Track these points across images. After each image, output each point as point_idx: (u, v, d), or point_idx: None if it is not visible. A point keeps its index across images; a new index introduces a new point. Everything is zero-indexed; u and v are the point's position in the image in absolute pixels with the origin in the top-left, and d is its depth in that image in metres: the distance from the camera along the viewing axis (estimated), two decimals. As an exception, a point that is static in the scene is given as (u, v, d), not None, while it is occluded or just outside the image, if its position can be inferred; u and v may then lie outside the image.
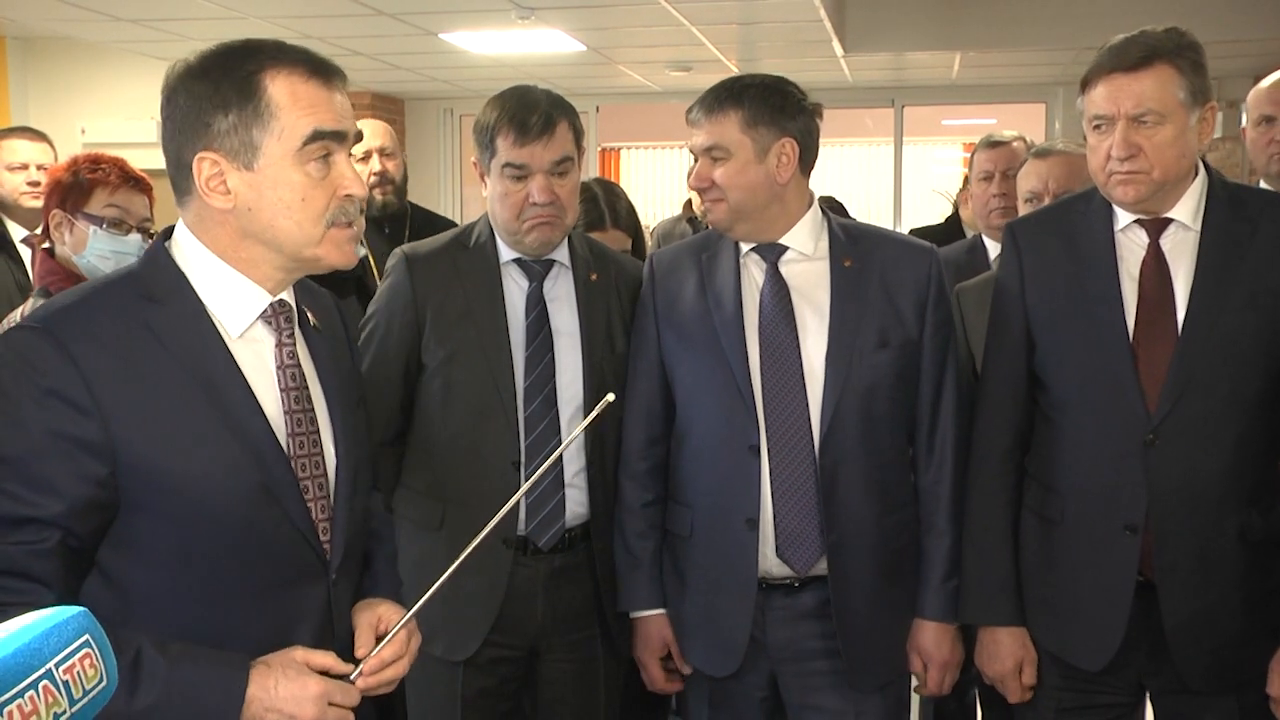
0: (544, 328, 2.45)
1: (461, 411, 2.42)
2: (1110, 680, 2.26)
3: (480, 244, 2.50)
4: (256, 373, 1.60)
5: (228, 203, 1.57)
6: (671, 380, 2.41)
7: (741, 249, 2.38)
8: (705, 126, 2.32)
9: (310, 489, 1.62)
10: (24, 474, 1.45)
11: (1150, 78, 2.10)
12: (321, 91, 1.57)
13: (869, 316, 2.32)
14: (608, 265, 2.58)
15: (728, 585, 2.32)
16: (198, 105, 1.56)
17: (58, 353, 1.47)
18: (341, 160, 1.60)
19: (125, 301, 1.55)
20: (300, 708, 1.51)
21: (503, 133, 2.39)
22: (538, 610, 2.45)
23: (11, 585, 1.44)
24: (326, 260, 1.61)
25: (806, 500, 2.27)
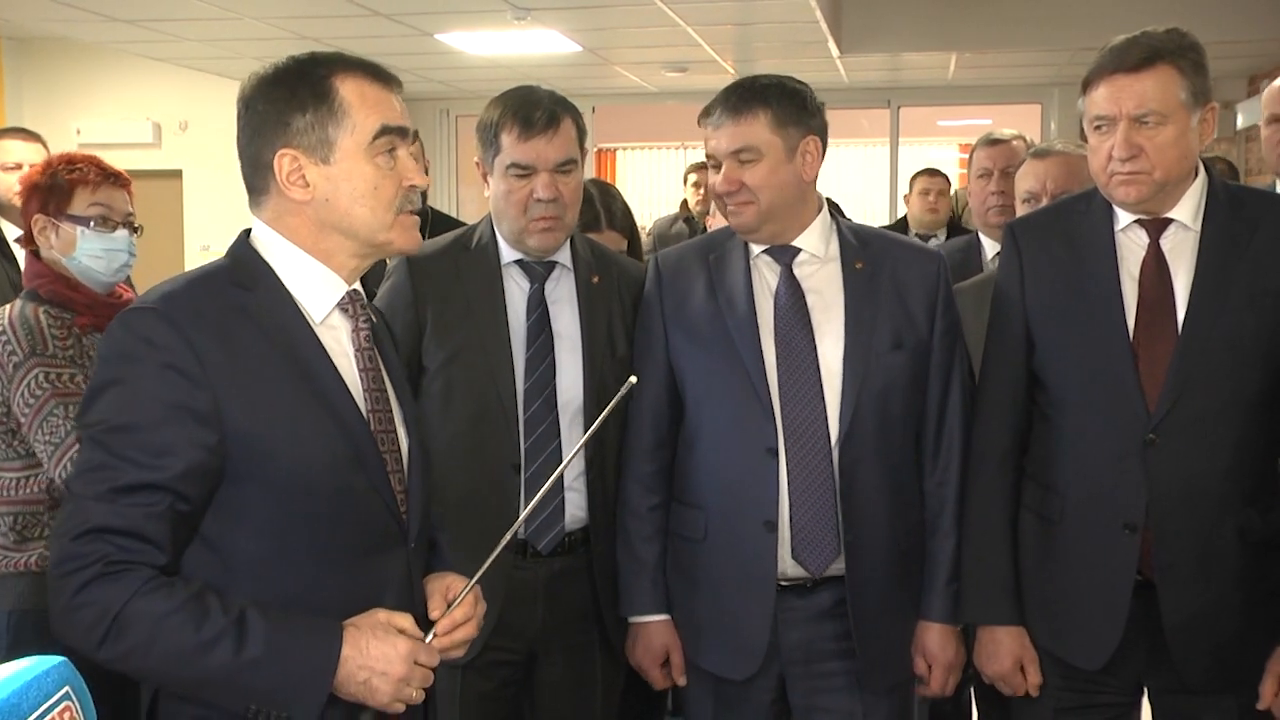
0: (545, 330, 2.45)
1: (461, 413, 2.42)
2: (1109, 679, 2.26)
3: (482, 245, 2.50)
4: (337, 355, 1.73)
5: (306, 195, 1.70)
6: (680, 382, 2.40)
7: (752, 251, 2.38)
8: (730, 129, 2.30)
9: (389, 462, 1.74)
10: (144, 441, 1.57)
11: (1152, 78, 2.11)
12: (383, 92, 1.73)
13: (882, 318, 2.33)
14: (610, 267, 2.58)
15: (745, 588, 2.31)
16: (276, 108, 1.70)
17: (172, 329, 1.60)
18: (404, 154, 1.74)
19: (220, 288, 1.68)
20: (391, 665, 1.62)
21: (507, 128, 2.39)
22: (537, 614, 2.45)
23: (129, 545, 1.56)
24: (397, 244, 1.76)
25: (824, 502, 2.28)
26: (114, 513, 1.55)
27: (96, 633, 1.54)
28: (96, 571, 1.54)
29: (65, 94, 9.42)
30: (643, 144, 13.79)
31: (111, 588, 1.54)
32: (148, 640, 1.54)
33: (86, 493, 1.57)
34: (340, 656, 1.60)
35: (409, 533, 1.77)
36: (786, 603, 2.33)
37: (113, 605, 1.53)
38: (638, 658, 2.46)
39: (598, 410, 2.43)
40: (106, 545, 1.55)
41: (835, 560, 2.31)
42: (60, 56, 9.29)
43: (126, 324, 1.62)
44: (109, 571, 1.54)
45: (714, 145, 2.33)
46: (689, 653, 2.42)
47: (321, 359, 1.69)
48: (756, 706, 2.38)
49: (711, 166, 2.36)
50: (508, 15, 6.61)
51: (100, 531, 1.55)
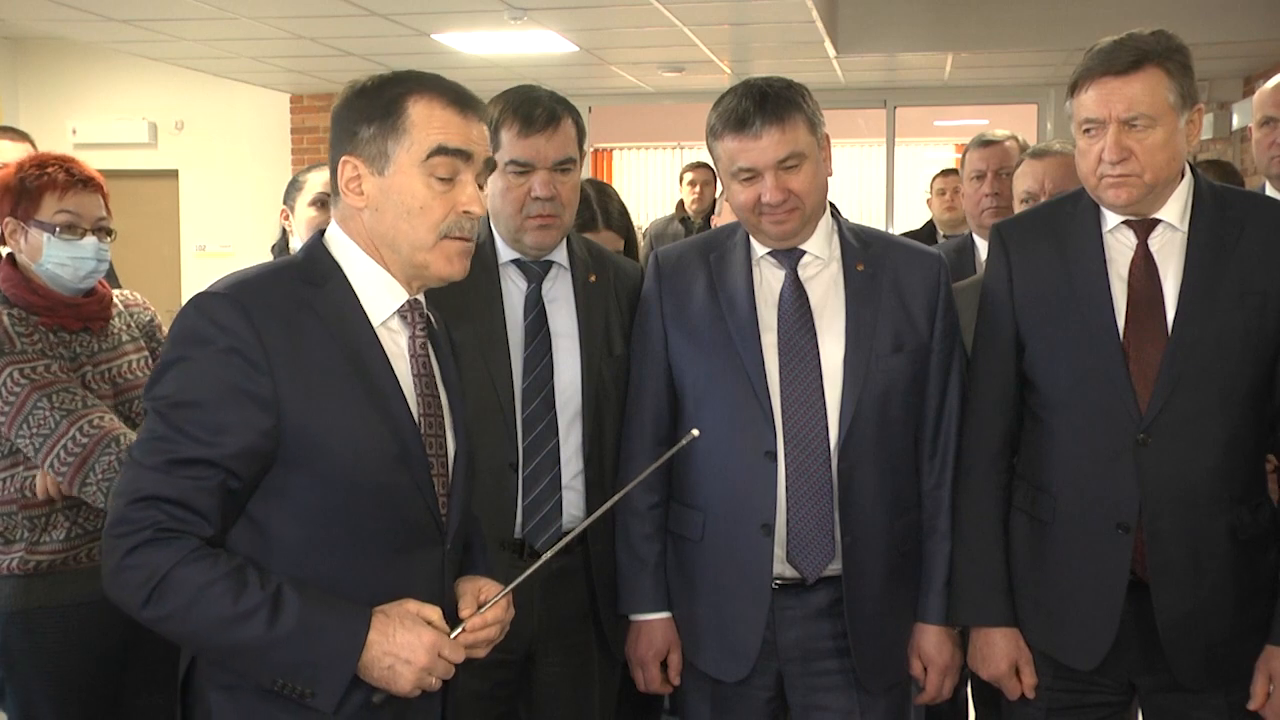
0: (542, 329, 2.46)
1: (460, 413, 2.43)
2: (1101, 679, 2.27)
3: (479, 245, 2.49)
4: (395, 358, 1.80)
5: (361, 202, 1.79)
6: (679, 381, 2.40)
7: (755, 251, 2.38)
8: (777, 136, 2.25)
9: (434, 464, 1.82)
10: (204, 418, 1.66)
11: (1140, 81, 2.12)
12: (455, 117, 1.79)
13: (883, 321, 2.33)
14: (606, 267, 2.59)
15: (740, 590, 2.32)
16: (351, 116, 1.79)
17: (241, 316, 1.68)
18: (467, 180, 1.80)
19: (291, 282, 1.76)
20: (415, 654, 1.69)
21: (507, 125, 2.40)
22: (534, 613, 2.44)
23: (180, 515, 1.65)
24: (434, 268, 1.80)
25: (821, 505, 2.28)
26: (168, 483, 1.64)
27: (142, 593, 1.63)
28: (147, 536, 1.63)
29: (61, 93, 9.41)
30: (639, 144, 13.78)
31: (160, 552, 1.62)
32: (188, 605, 1.62)
33: (145, 461, 1.66)
34: (367, 641, 1.68)
35: (447, 533, 1.84)
36: (782, 602, 2.33)
37: (159, 569, 1.62)
38: (638, 655, 2.46)
39: (595, 409, 2.45)
40: (159, 512, 1.63)
41: (830, 563, 2.31)
42: (56, 56, 9.29)
43: (199, 306, 1.69)
44: (159, 537, 1.63)
45: (753, 157, 2.26)
46: (686, 652, 2.43)
47: (380, 359, 1.77)
48: (753, 705, 2.39)
49: (743, 179, 2.29)
50: (504, 15, 6.61)
51: (154, 499, 1.64)
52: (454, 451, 1.87)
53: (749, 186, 2.29)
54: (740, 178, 2.30)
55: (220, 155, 9.21)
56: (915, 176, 11.58)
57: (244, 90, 9.23)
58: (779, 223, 2.30)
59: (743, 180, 2.30)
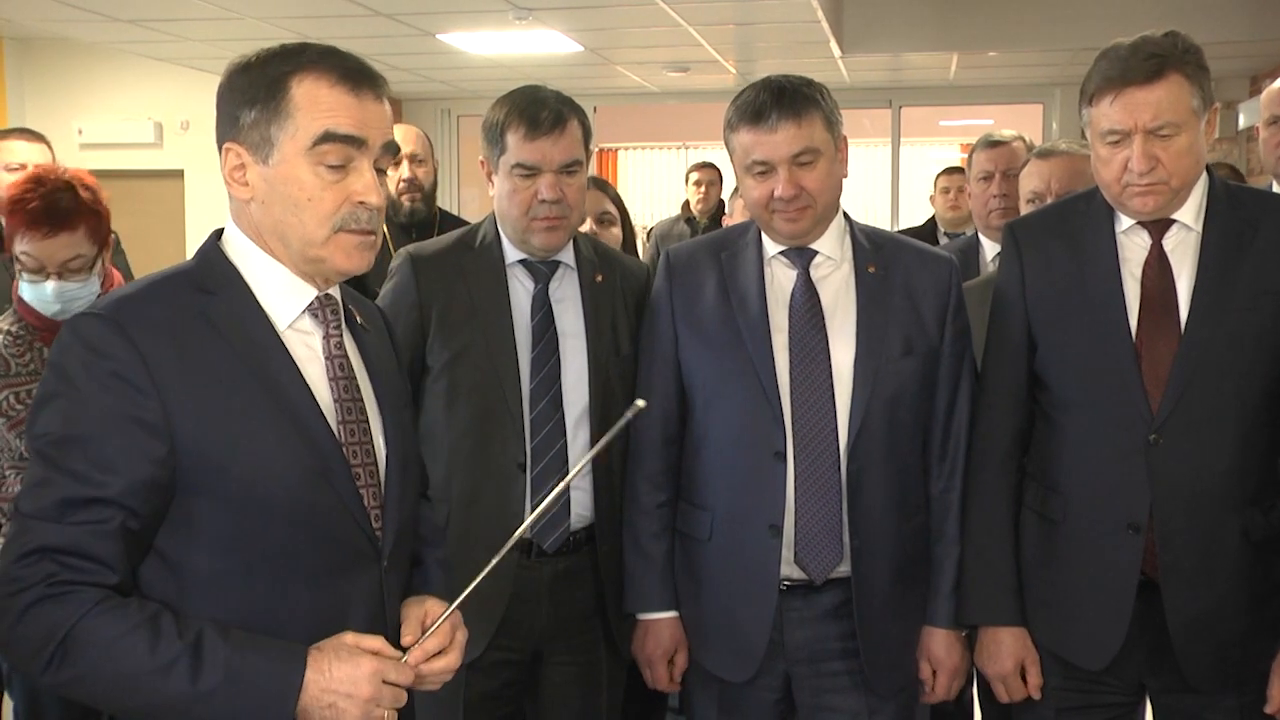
0: (549, 329, 2.45)
1: (467, 413, 2.42)
2: (1110, 679, 2.27)
3: (486, 245, 2.50)
4: (306, 362, 1.64)
5: (246, 194, 1.64)
6: (689, 381, 2.39)
7: (767, 251, 2.37)
8: (793, 131, 2.24)
9: (361, 475, 1.65)
10: (89, 453, 1.50)
11: (1163, 89, 2.10)
12: (346, 97, 1.61)
13: (894, 324, 2.32)
14: (613, 267, 2.58)
15: (747, 590, 2.31)
16: (233, 98, 1.63)
17: (120, 338, 1.52)
18: (362, 167, 1.63)
19: (181, 292, 1.61)
20: (356, 687, 1.54)
21: (513, 128, 2.39)
22: (542, 613, 2.45)
23: (76, 564, 1.49)
24: (331, 263, 1.64)
25: (829, 507, 2.27)
26: (59, 531, 1.48)
27: (42, 656, 1.46)
28: (40, 593, 1.46)
29: (67, 94, 9.41)
30: (644, 144, 13.79)
31: (58, 609, 1.46)
32: (97, 664, 1.46)
33: (30, 510, 1.50)
34: (303, 682, 1.51)
35: (382, 550, 1.67)
36: (790, 603, 2.33)
37: (59, 627, 1.46)
38: (646, 654, 2.45)
39: (603, 408, 2.44)
40: (51, 564, 1.47)
41: (838, 564, 2.31)
42: (62, 56, 9.29)
43: (75, 331, 1.55)
44: (54, 593, 1.46)
45: (768, 150, 2.26)
46: (693, 652, 2.42)
47: (286, 368, 1.61)
48: (761, 706, 2.38)
49: (757, 173, 2.29)
50: (509, 15, 6.60)
51: (44, 551, 1.48)
52: (386, 458, 1.70)
53: (762, 181, 2.29)
54: (754, 171, 2.29)
55: (226, 156, 9.21)
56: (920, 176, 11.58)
57: (250, 91, 9.23)
58: (791, 220, 2.29)
59: (756, 174, 2.29)
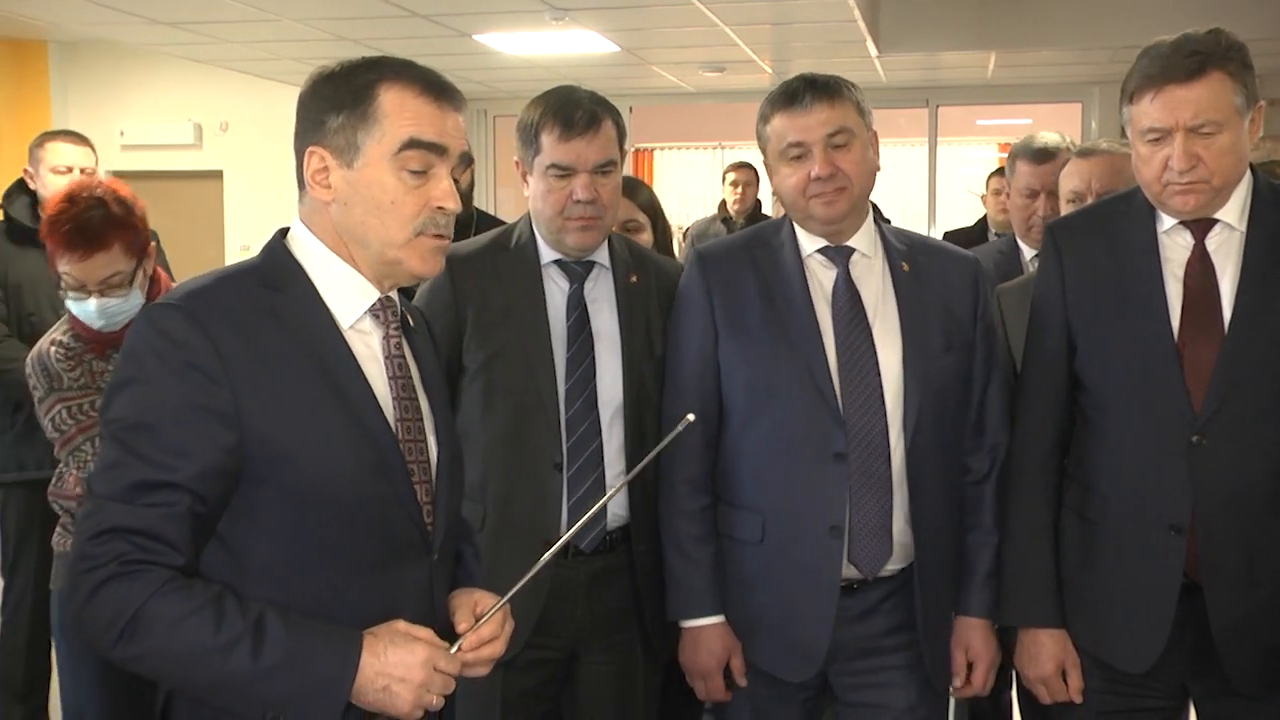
0: (585, 330, 2.45)
1: (503, 413, 2.43)
2: (1153, 683, 2.24)
3: (521, 245, 2.50)
4: (366, 361, 1.69)
5: (329, 196, 1.68)
6: (728, 382, 2.37)
7: (804, 249, 2.37)
8: (827, 110, 2.26)
9: (415, 471, 1.71)
10: (161, 439, 1.54)
11: (1205, 87, 2.08)
12: (429, 107, 1.68)
13: (933, 320, 2.33)
14: (647, 267, 2.58)
15: (805, 591, 2.30)
16: (318, 104, 1.68)
17: (195, 328, 1.57)
18: (441, 174, 1.69)
19: (248, 287, 1.66)
20: (410, 671, 1.58)
21: (547, 128, 2.39)
22: (578, 612, 2.45)
23: (147, 545, 1.53)
24: (408, 265, 1.70)
25: (882, 504, 2.27)
26: (130, 512, 1.53)
27: (112, 632, 1.51)
28: (112, 570, 1.51)
29: (109, 96, 9.52)
30: (680, 144, 13.78)
31: (128, 587, 1.51)
32: (164, 641, 1.51)
33: (104, 491, 1.55)
34: (359, 664, 1.56)
35: (433, 544, 1.73)
36: (842, 602, 2.31)
37: (129, 605, 1.50)
38: (699, 666, 2.40)
39: (637, 408, 2.44)
40: (124, 544, 1.52)
41: (887, 561, 2.30)
42: (104, 59, 9.39)
43: (150, 320, 1.60)
44: (124, 571, 1.51)
45: (803, 131, 2.27)
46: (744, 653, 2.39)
47: (349, 365, 1.66)
48: (792, 704, 2.38)
49: (792, 158, 2.29)
50: (545, 16, 6.62)
51: (117, 531, 1.53)
52: (436, 457, 1.76)
53: (798, 166, 2.29)
54: (790, 155, 2.30)
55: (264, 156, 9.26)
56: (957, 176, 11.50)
57: (287, 91, 9.27)
58: (828, 203, 2.28)
59: (792, 159, 2.30)
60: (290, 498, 1.60)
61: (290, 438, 1.59)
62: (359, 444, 1.63)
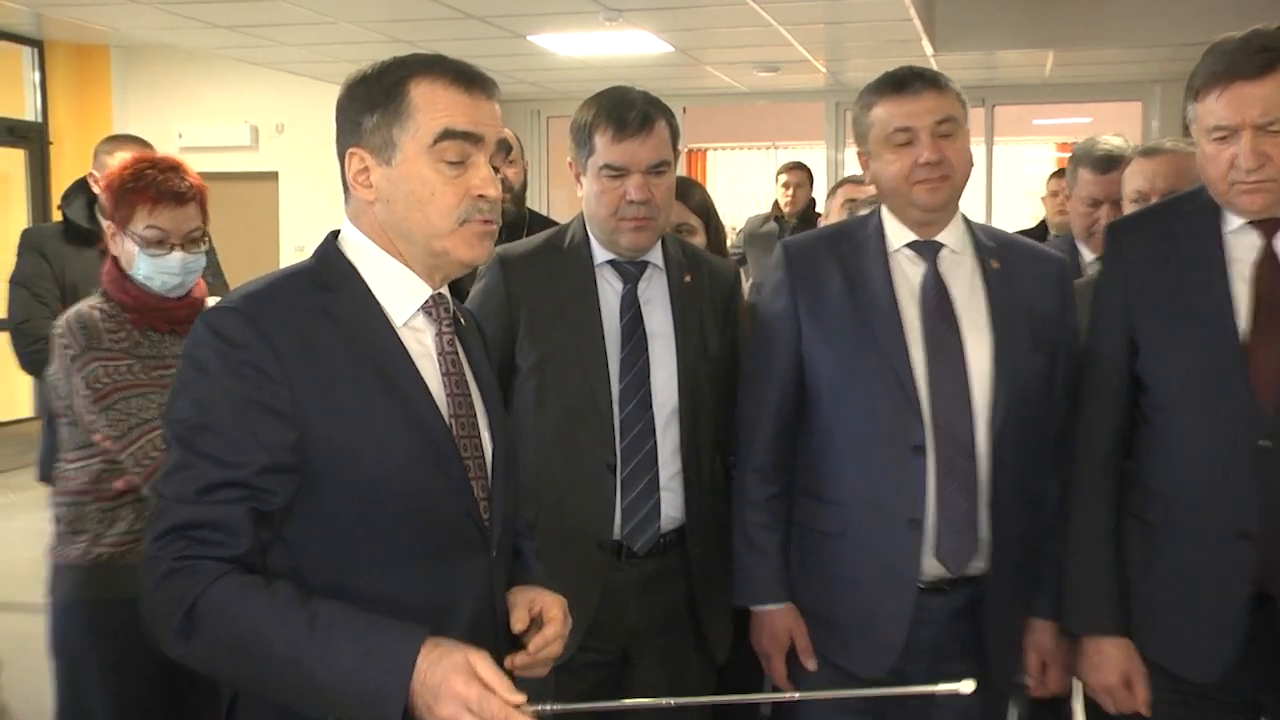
0: (638, 330, 2.45)
1: (556, 414, 2.43)
2: (1223, 695, 2.19)
3: (574, 245, 2.51)
4: (420, 358, 1.71)
5: (371, 195, 1.70)
6: (812, 374, 2.37)
7: (891, 244, 2.36)
8: (936, 98, 2.28)
9: (471, 467, 1.72)
10: (224, 439, 1.57)
11: (1274, 84, 2.04)
12: (461, 97, 1.69)
13: (1021, 318, 2.32)
14: (701, 267, 2.58)
15: (884, 585, 2.30)
16: (354, 106, 1.71)
17: (251, 329, 1.60)
18: (479, 162, 1.69)
19: (303, 288, 1.68)
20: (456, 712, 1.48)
21: (601, 129, 2.40)
22: (631, 615, 2.45)
23: (205, 537, 1.55)
24: (455, 254, 1.70)
25: (967, 501, 2.26)
26: (193, 511, 1.56)
27: (171, 625, 1.52)
28: (170, 566, 1.54)
29: (168, 99, 9.65)
30: (734, 145, 13.77)
31: (186, 579, 1.53)
32: (223, 631, 1.51)
33: (169, 493, 1.58)
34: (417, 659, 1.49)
35: (491, 539, 1.74)
36: (922, 602, 2.30)
37: (187, 596, 1.52)
38: (762, 646, 2.44)
39: (691, 409, 2.45)
40: (182, 541, 1.55)
41: (974, 559, 2.29)
42: (163, 63, 9.53)
43: (207, 323, 1.63)
44: (181, 566, 1.53)
45: (911, 116, 2.27)
46: (819, 648, 2.40)
47: (403, 361, 1.68)
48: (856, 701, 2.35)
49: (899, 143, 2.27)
50: (599, 16, 6.63)
51: (178, 529, 1.55)
52: (492, 452, 1.78)
53: (903, 152, 2.28)
54: (895, 141, 2.29)
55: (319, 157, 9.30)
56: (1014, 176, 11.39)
57: (343, 94, 9.39)
58: (932, 189, 2.28)
59: (897, 145, 2.29)
60: (348, 494, 1.61)
61: (348, 434, 1.61)
62: (414, 439, 1.65)
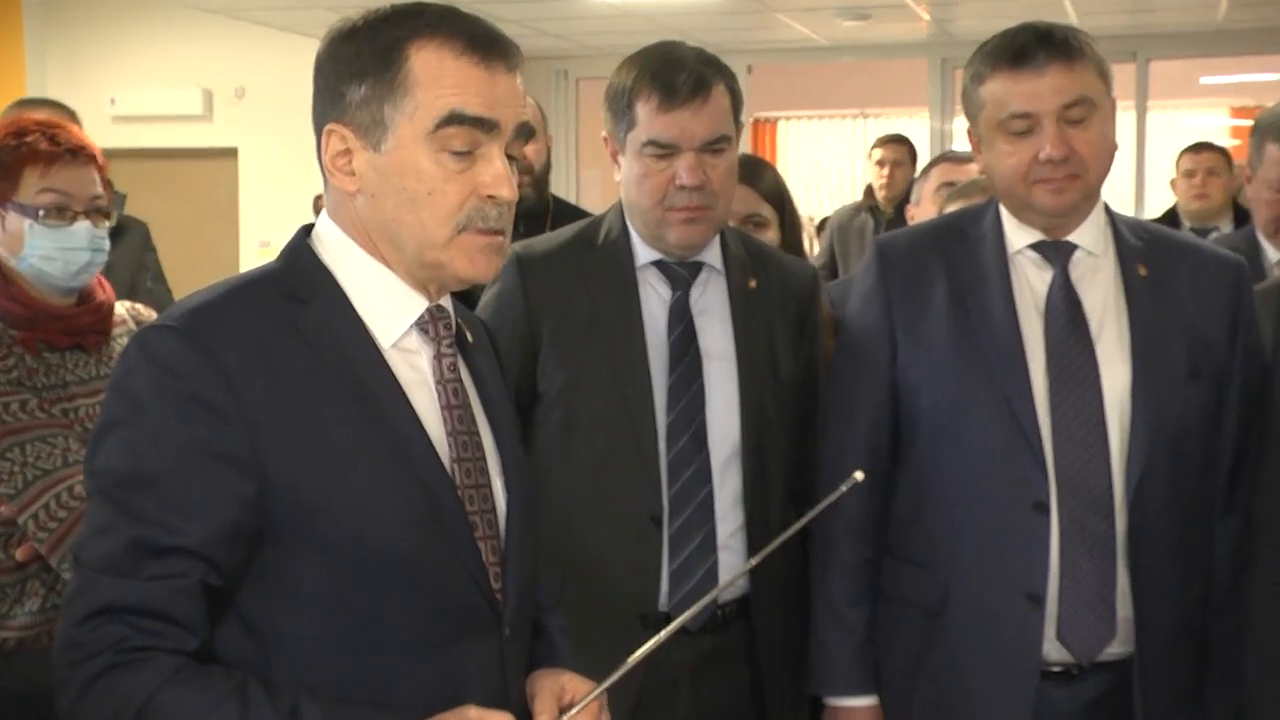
0: (690, 347, 2.48)
1: (588, 452, 2.46)
2: None
3: (610, 241, 2.54)
4: (413, 387, 1.70)
5: (352, 185, 1.69)
6: (911, 405, 2.40)
7: (1011, 244, 2.38)
8: (1064, 74, 2.27)
9: (479, 525, 1.71)
10: (163, 495, 1.55)
11: None
12: (475, 70, 1.66)
13: (1176, 339, 2.32)
14: (769, 269, 2.60)
15: (997, 673, 2.31)
16: (336, 70, 1.69)
17: (199, 354, 1.57)
18: (491, 154, 1.68)
19: (267, 300, 1.66)
20: None
21: (644, 96, 2.42)
22: (681, 703, 2.47)
23: (151, 627, 1.54)
24: (452, 268, 1.69)
25: (1102, 570, 2.27)
26: (129, 587, 1.53)
27: None
28: (108, 660, 1.52)
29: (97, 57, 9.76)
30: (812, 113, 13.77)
31: (131, 678, 1.52)
32: None
33: (95, 562, 1.56)
34: None
35: (503, 614, 1.73)
36: (1046, 692, 2.31)
37: (133, 699, 1.51)
38: None
39: (757, 447, 2.46)
40: (121, 627, 1.53)
41: (1109, 643, 2.30)
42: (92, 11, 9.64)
43: (143, 346, 1.60)
44: (124, 660, 1.52)
45: (1032, 99, 2.27)
46: None
47: (392, 393, 1.67)
48: None
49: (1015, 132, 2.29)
50: (642, -49, 6.67)
51: (113, 611, 1.53)
52: (504, 505, 1.77)
53: (1021, 143, 2.29)
54: (1011, 129, 2.30)
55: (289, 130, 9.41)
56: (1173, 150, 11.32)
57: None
58: (1057, 191, 2.29)
59: (1014, 134, 2.30)
60: (323, 560, 1.60)
61: (321, 485, 1.60)
62: (407, 492, 1.64)
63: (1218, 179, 6.07)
